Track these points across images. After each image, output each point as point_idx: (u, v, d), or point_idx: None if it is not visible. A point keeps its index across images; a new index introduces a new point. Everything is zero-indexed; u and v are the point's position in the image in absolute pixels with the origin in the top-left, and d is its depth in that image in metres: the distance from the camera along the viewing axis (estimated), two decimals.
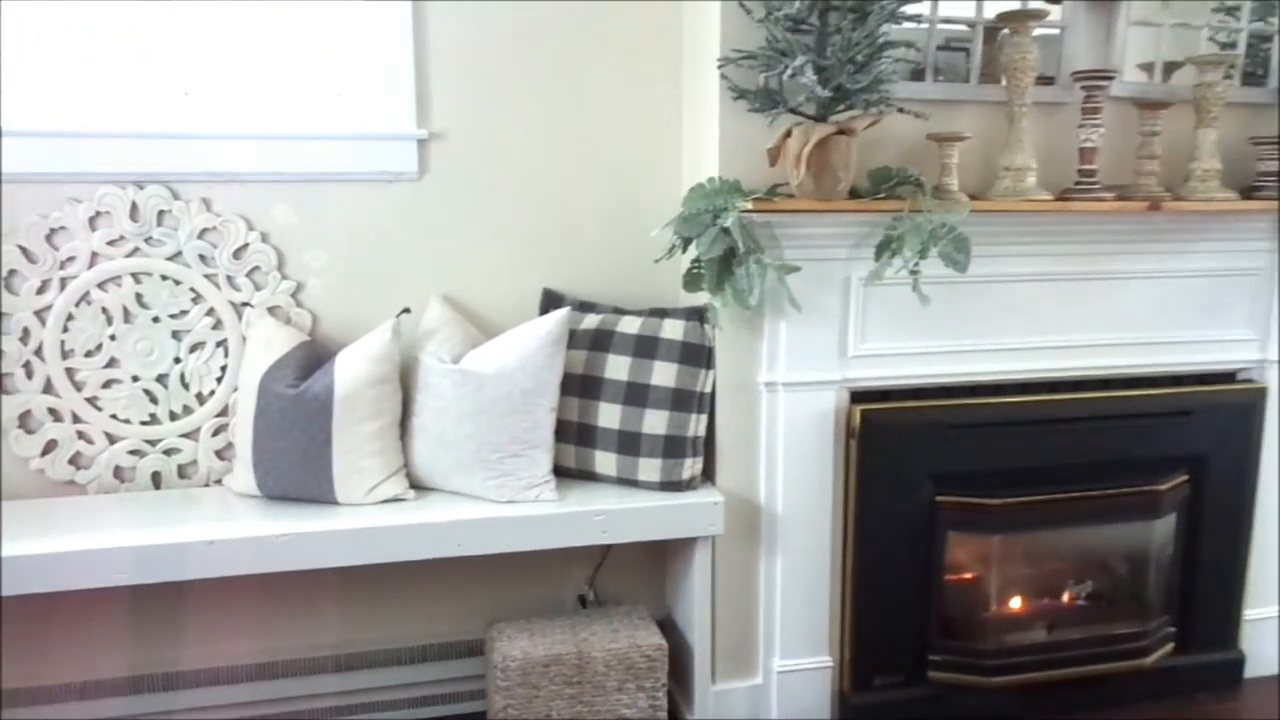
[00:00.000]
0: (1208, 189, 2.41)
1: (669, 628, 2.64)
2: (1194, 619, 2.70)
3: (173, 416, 2.38)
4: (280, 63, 2.36)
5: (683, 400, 2.36)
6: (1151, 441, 2.57)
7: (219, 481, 2.41)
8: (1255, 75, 2.57)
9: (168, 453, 2.38)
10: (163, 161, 2.29)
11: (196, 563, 2.07)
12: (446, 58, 2.44)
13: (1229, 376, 2.67)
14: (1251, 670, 2.78)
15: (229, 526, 2.13)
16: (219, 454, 2.41)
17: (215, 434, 2.40)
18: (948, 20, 2.36)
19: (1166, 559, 2.65)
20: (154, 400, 2.36)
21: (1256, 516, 2.71)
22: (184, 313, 2.35)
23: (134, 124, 2.28)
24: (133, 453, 2.36)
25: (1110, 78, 2.34)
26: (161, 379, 2.36)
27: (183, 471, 2.40)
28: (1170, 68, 2.52)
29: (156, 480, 2.39)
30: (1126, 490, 2.55)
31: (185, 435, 2.39)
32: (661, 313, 2.47)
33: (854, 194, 2.26)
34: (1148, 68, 2.52)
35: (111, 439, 2.35)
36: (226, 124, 2.34)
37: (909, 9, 2.18)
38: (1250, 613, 2.77)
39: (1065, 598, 2.69)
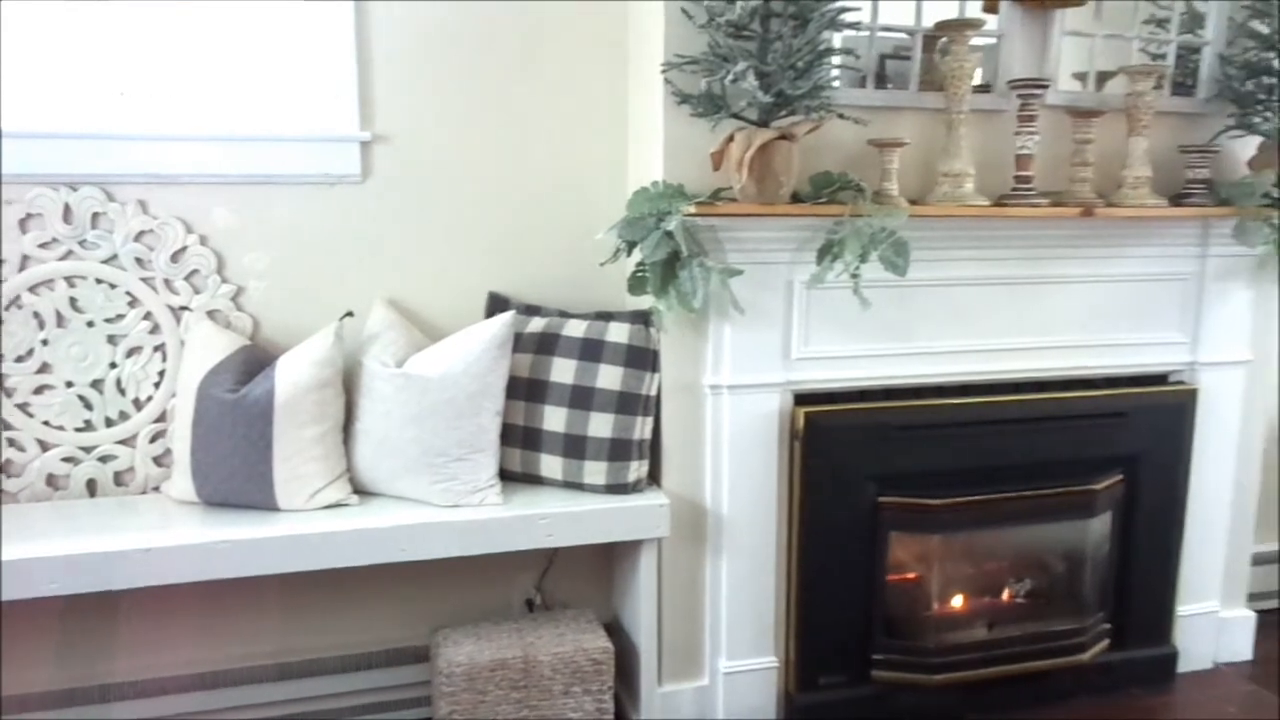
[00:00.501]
0: (1139, 196, 2.48)
1: (616, 630, 2.64)
2: (1129, 615, 2.76)
3: (108, 423, 2.33)
4: (220, 63, 2.33)
5: (628, 403, 2.37)
6: (1087, 442, 2.63)
7: (157, 489, 2.37)
8: (1185, 85, 2.65)
9: (103, 460, 2.33)
10: (97, 163, 2.25)
11: (132, 571, 2.03)
12: (390, 60, 2.43)
13: (1161, 378, 2.75)
14: (1184, 665, 2.85)
15: (166, 534, 2.09)
16: (157, 460, 2.37)
17: (153, 440, 2.36)
18: (887, 28, 2.40)
19: (1102, 557, 2.71)
20: (89, 406, 2.31)
21: (1188, 514, 2.78)
22: (120, 317, 2.31)
23: (67, 124, 2.23)
24: (66, 460, 2.31)
25: (1045, 86, 2.39)
26: (96, 384, 2.31)
27: (119, 479, 2.36)
28: (1103, 77, 2.59)
29: (92, 488, 2.34)
30: (1063, 490, 2.60)
31: (121, 442, 2.34)
32: (607, 316, 2.48)
33: (796, 198, 2.28)
34: (1081, 77, 2.58)
35: (44, 446, 2.30)
36: (164, 125, 2.30)
37: (850, 16, 2.21)
38: (1183, 609, 2.84)
39: (1005, 596, 2.74)
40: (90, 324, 2.29)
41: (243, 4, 2.32)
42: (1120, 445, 2.66)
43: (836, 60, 2.27)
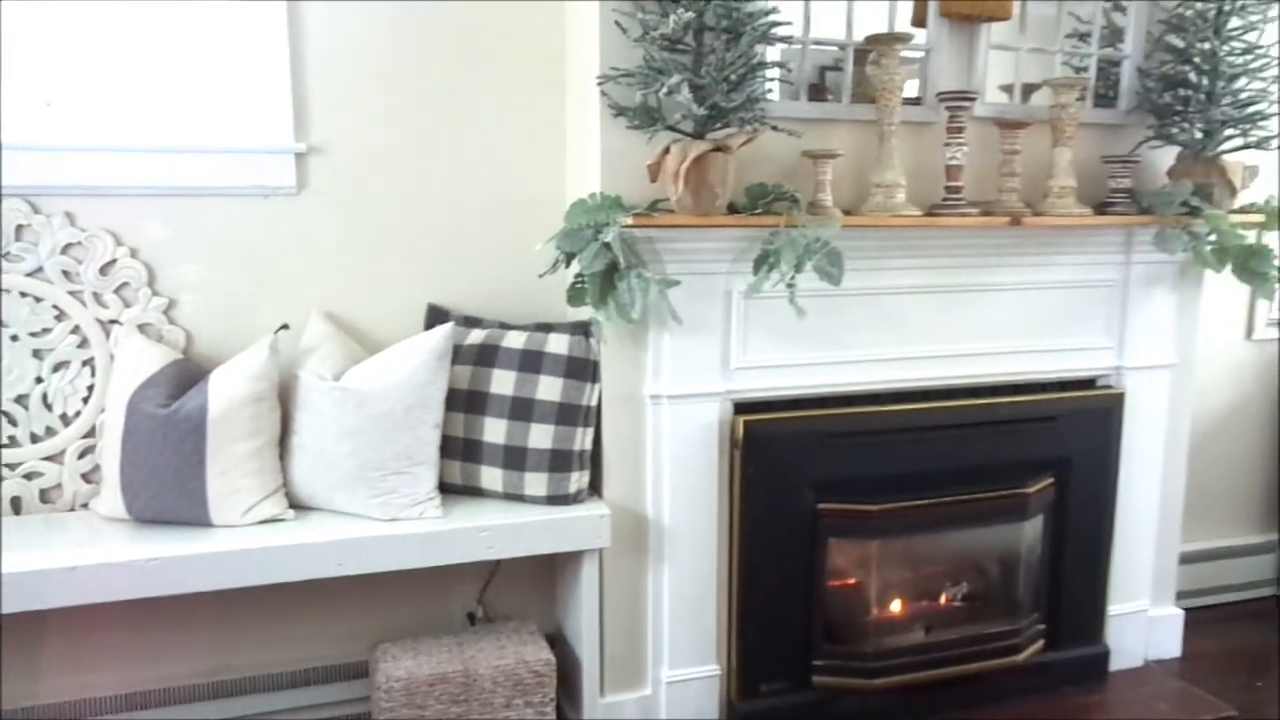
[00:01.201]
0: (1064, 205, 2.54)
1: (559, 641, 2.64)
2: (1062, 616, 2.82)
3: (34, 439, 2.28)
4: (151, 73, 2.29)
5: (568, 414, 2.37)
6: (1019, 446, 2.69)
7: (85, 506, 2.32)
8: (1107, 97, 2.73)
9: (28, 476, 2.28)
10: (21, 174, 2.20)
11: (57, 590, 1.99)
12: (326, 70, 2.41)
13: (1089, 383, 2.82)
14: (1116, 663, 2.92)
15: (94, 551, 2.05)
16: (85, 477, 2.32)
17: (81, 456, 2.31)
18: (819, 42, 2.44)
19: (1035, 559, 2.77)
20: (13, 422, 2.26)
21: (1117, 516, 2.85)
22: (46, 331, 2.26)
23: None
24: None
25: (972, 99, 2.45)
26: (21, 400, 2.26)
27: (45, 496, 2.30)
28: (1028, 89, 2.66)
29: (16, 505, 2.28)
30: (997, 493, 2.65)
31: (48, 458, 2.29)
32: (547, 327, 2.48)
33: (732, 209, 2.31)
34: (1008, 89, 2.65)
35: None
36: (93, 136, 2.26)
37: (781, 31, 2.25)
38: (1114, 608, 2.91)
39: (942, 599, 2.78)
40: (15, 338, 2.24)
41: (174, 12, 2.29)
42: (1051, 449, 2.72)
43: (770, 73, 2.30)
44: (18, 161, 2.19)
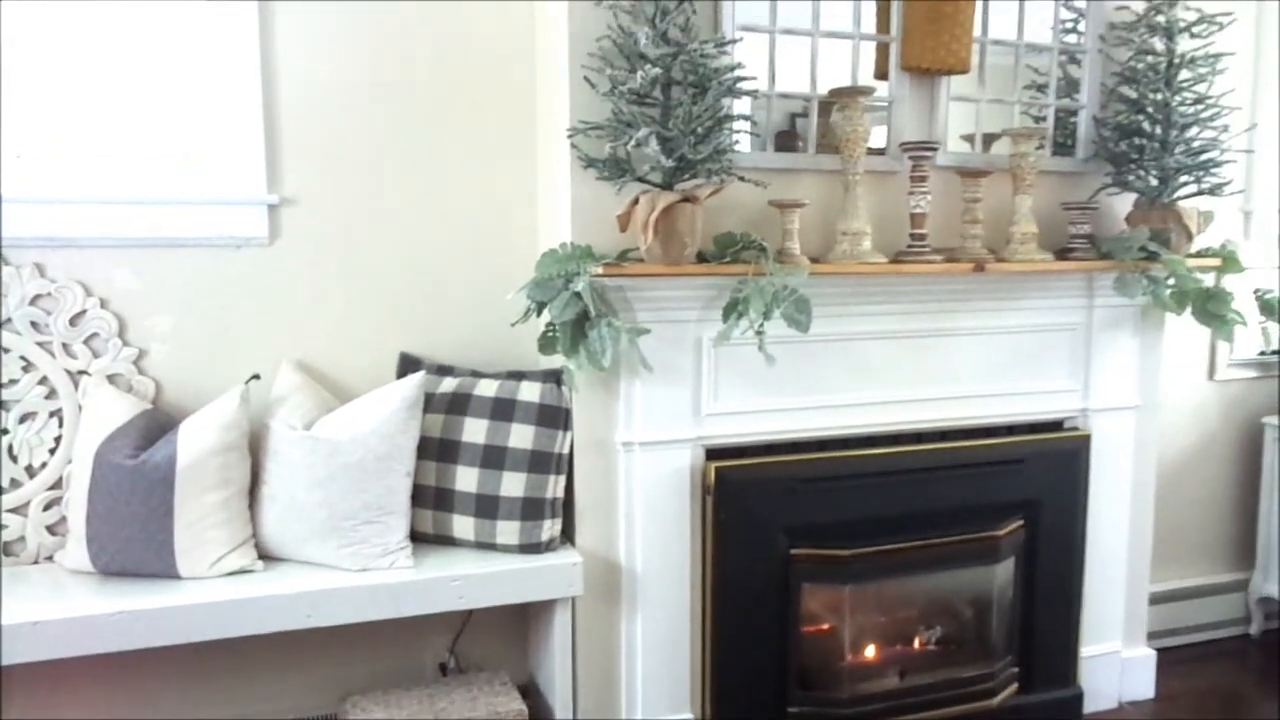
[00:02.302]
0: (1027, 251, 2.59)
1: (532, 692, 2.61)
2: (1035, 658, 2.83)
3: None
4: (122, 124, 2.31)
5: (540, 462, 2.38)
6: (989, 489, 2.72)
7: (50, 558, 2.29)
8: (1065, 146, 2.79)
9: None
10: None
11: (19, 646, 1.95)
12: (298, 121, 2.44)
13: (1056, 425, 2.85)
14: (1090, 705, 2.92)
15: (58, 605, 2.03)
16: (50, 529, 2.30)
17: (47, 508, 2.29)
18: (785, 95, 2.49)
19: (1007, 601, 2.78)
20: None
21: (1087, 557, 2.87)
22: (13, 382, 2.25)
23: None
24: None
25: (934, 148, 2.51)
26: None
27: (9, 549, 2.28)
28: (989, 139, 2.72)
29: None
30: (967, 537, 2.67)
31: (13, 510, 2.27)
32: (519, 375, 2.49)
33: (701, 258, 2.34)
34: (969, 139, 2.71)
35: None
36: (64, 188, 2.27)
37: (747, 85, 2.30)
38: (1087, 650, 2.92)
39: (916, 643, 2.78)
40: None
41: (147, 63, 2.31)
42: (1020, 491, 2.75)
43: (737, 125, 2.35)
44: None
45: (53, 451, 2.29)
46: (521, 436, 2.38)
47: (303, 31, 2.43)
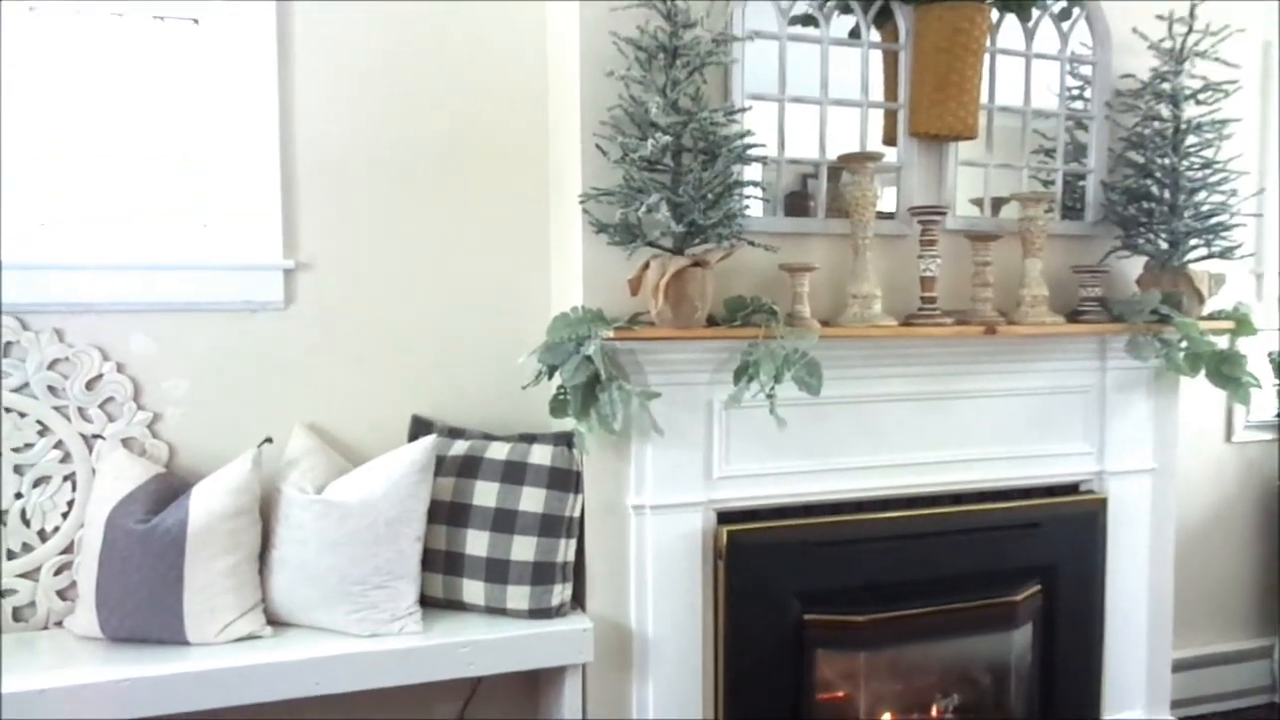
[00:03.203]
0: (1037, 314, 2.60)
1: None
2: None
3: (10, 555, 2.26)
4: (141, 191, 2.36)
5: (551, 525, 2.37)
6: (1005, 553, 2.68)
7: (59, 624, 2.28)
8: (1074, 209, 2.81)
9: (2, 594, 2.25)
10: (14, 293, 2.24)
11: (24, 715, 1.93)
12: (315, 187, 2.48)
13: (1072, 488, 2.83)
14: None
15: (63, 673, 2.01)
16: (60, 594, 2.29)
17: (57, 573, 2.29)
18: (794, 160, 2.52)
19: (1026, 668, 2.73)
20: None
21: (1107, 622, 2.82)
22: (28, 446, 2.27)
23: None
24: None
25: (943, 213, 2.53)
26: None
27: (18, 614, 2.27)
28: (997, 203, 2.74)
29: None
30: (984, 602, 2.64)
31: (23, 575, 2.27)
32: (530, 438, 2.49)
33: (712, 321, 2.35)
34: (978, 202, 2.73)
35: None
36: (83, 254, 2.31)
37: (756, 151, 2.33)
38: (1107, 717, 2.85)
39: (933, 712, 2.73)
40: None
41: (168, 130, 2.37)
42: (1036, 555, 2.72)
43: (747, 191, 2.38)
44: (10, 280, 2.23)
45: (65, 515, 2.29)
46: (532, 500, 2.37)
47: (320, 96, 2.48)
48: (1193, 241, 2.69)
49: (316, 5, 2.47)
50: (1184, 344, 2.66)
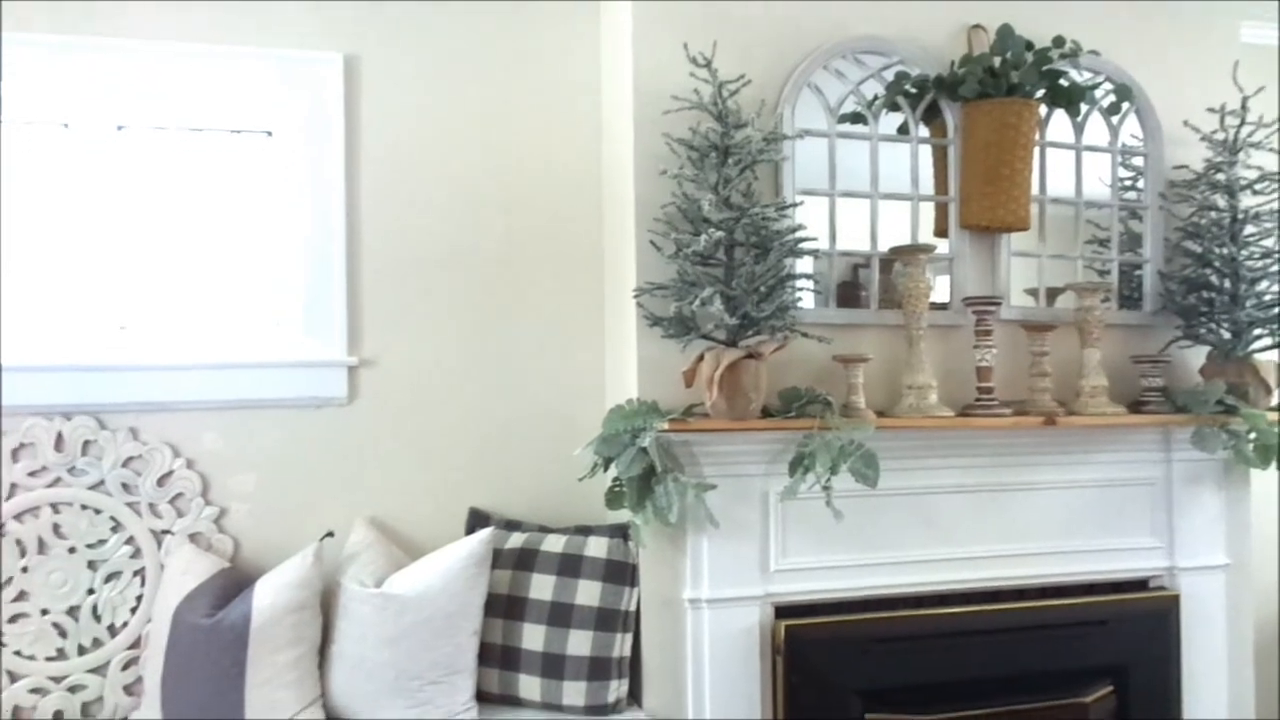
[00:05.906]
0: (1097, 404, 2.56)
1: None
2: None
3: (81, 650, 2.31)
4: (214, 293, 2.47)
5: (607, 619, 2.36)
6: (1072, 652, 2.60)
7: (126, 719, 2.31)
8: (1132, 299, 2.79)
9: (72, 689, 2.29)
10: (93, 393, 2.34)
11: None
12: (378, 285, 2.57)
13: (1141, 584, 2.74)
14: None
15: None
16: (127, 689, 2.33)
17: (125, 667, 2.33)
18: (846, 253, 2.55)
19: None
20: (63, 634, 2.30)
21: None
22: (101, 542, 2.33)
23: (67, 357, 2.34)
24: (34, 690, 2.27)
25: (997, 303, 2.53)
26: (72, 611, 2.31)
27: (86, 709, 2.31)
28: (1053, 292, 2.73)
29: (58, 719, 2.28)
30: (1052, 703, 2.54)
31: (92, 670, 2.31)
32: (586, 530, 2.50)
33: (766, 413, 2.36)
34: (1033, 292, 2.72)
35: (13, 676, 2.27)
36: (159, 355, 2.41)
37: (808, 245, 2.37)
38: None
39: None
40: (72, 550, 2.31)
41: (239, 235, 2.48)
42: (1105, 655, 2.62)
43: (799, 283, 2.41)
44: (88, 381, 2.33)
45: (134, 610, 2.34)
46: (589, 593, 2.37)
47: (385, 200, 2.58)
48: (1257, 331, 2.65)
49: (382, 115, 2.59)
50: (1253, 435, 2.60)
